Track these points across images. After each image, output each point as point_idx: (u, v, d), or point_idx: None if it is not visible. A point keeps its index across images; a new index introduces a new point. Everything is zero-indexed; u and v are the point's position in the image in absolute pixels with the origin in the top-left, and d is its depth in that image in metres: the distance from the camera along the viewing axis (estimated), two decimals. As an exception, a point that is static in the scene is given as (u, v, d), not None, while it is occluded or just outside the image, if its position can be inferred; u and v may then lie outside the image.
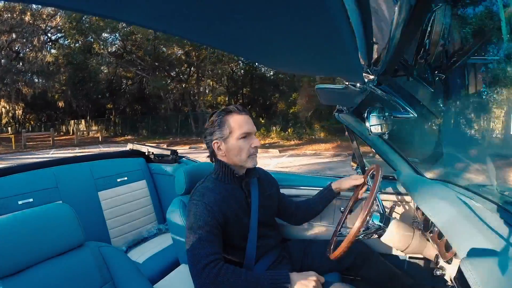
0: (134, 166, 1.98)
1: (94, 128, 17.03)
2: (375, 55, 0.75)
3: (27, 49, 12.49)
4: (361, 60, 0.73)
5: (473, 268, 0.56)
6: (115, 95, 15.71)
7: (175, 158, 2.04)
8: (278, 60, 0.71)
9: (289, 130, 11.94)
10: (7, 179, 1.43)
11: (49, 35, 13.04)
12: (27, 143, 11.74)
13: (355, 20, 0.43)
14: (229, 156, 1.02)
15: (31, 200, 1.43)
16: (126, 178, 1.87)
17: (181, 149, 9.18)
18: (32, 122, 20.94)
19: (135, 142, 2.27)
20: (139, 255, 1.59)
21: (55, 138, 13.13)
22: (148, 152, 2.14)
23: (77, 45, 12.54)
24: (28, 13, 11.69)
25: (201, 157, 1.85)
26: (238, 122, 1.00)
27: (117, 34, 12.53)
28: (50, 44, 13.34)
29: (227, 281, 0.84)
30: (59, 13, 12.24)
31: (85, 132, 16.93)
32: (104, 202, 1.71)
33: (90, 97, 15.02)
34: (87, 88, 13.65)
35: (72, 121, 18.83)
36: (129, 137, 14.29)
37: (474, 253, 0.62)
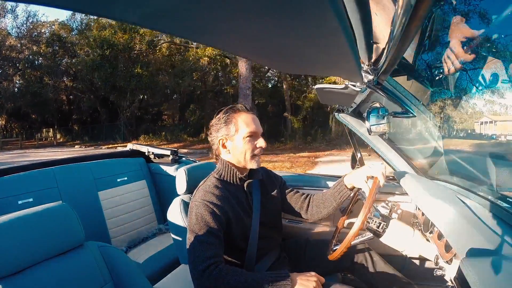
0: (134, 166, 1.98)
1: (58, 135, 21.73)
2: (375, 55, 0.75)
3: (3, 77, 16.32)
4: (361, 60, 0.74)
5: (473, 268, 0.56)
6: (73, 108, 20.49)
7: (175, 158, 2.04)
8: (278, 60, 0.71)
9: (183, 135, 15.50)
10: (7, 179, 1.43)
11: (18, 66, 16.62)
12: (5, 146, 17.21)
13: (355, 20, 0.43)
14: (233, 155, 1.01)
15: (31, 200, 1.43)
16: (126, 178, 1.87)
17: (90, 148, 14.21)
18: (16, 130, 25.98)
19: (135, 143, 2.28)
20: (139, 255, 1.59)
21: (24, 143, 19.11)
22: (148, 152, 2.14)
23: (32, 77, 16.77)
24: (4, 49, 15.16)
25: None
26: (245, 121, 1.00)
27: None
28: (19, 73, 17.20)
29: (227, 283, 0.83)
30: (25, 48, 15.87)
31: (52, 138, 21.69)
32: (104, 202, 1.71)
33: (43, 115, 20.54)
34: (41, 108, 18.48)
35: (44, 129, 23.87)
36: (77, 141, 18.66)
37: (474, 253, 0.62)
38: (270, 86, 16.29)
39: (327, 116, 12.59)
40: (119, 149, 13.37)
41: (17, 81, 17.72)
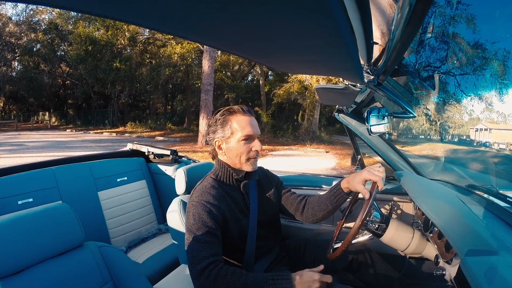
0: (134, 166, 1.98)
1: (53, 118, 22.52)
2: (375, 55, 0.75)
3: (2, 62, 17.05)
4: (361, 60, 0.74)
5: (473, 268, 0.56)
6: (69, 93, 21.39)
7: (175, 158, 2.04)
8: (279, 60, 0.71)
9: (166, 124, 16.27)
10: (7, 179, 1.43)
11: (16, 51, 17.29)
12: (1, 128, 17.16)
13: (355, 20, 0.43)
14: (229, 157, 1.02)
15: (31, 200, 1.43)
16: (126, 178, 1.87)
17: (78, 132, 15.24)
18: (14, 112, 26.95)
19: (135, 142, 2.27)
20: (139, 255, 1.59)
21: (20, 125, 19.61)
22: (148, 152, 2.14)
23: (30, 63, 17.74)
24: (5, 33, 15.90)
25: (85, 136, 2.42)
26: (241, 124, 0.98)
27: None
28: (17, 58, 17.98)
29: (226, 283, 0.83)
30: (24, 35, 16.48)
31: (47, 121, 22.30)
32: (104, 202, 1.71)
33: (39, 99, 21.18)
34: (37, 92, 19.43)
35: (41, 112, 24.55)
36: (70, 125, 19.31)
37: (474, 253, 0.62)
38: (246, 81, 16.94)
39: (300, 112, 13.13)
40: (105, 134, 13.30)
41: (15, 66, 18.71)
